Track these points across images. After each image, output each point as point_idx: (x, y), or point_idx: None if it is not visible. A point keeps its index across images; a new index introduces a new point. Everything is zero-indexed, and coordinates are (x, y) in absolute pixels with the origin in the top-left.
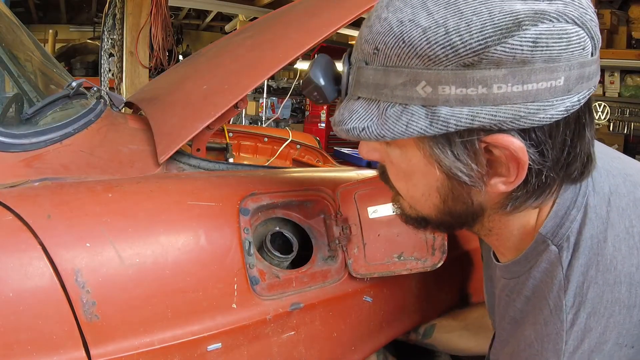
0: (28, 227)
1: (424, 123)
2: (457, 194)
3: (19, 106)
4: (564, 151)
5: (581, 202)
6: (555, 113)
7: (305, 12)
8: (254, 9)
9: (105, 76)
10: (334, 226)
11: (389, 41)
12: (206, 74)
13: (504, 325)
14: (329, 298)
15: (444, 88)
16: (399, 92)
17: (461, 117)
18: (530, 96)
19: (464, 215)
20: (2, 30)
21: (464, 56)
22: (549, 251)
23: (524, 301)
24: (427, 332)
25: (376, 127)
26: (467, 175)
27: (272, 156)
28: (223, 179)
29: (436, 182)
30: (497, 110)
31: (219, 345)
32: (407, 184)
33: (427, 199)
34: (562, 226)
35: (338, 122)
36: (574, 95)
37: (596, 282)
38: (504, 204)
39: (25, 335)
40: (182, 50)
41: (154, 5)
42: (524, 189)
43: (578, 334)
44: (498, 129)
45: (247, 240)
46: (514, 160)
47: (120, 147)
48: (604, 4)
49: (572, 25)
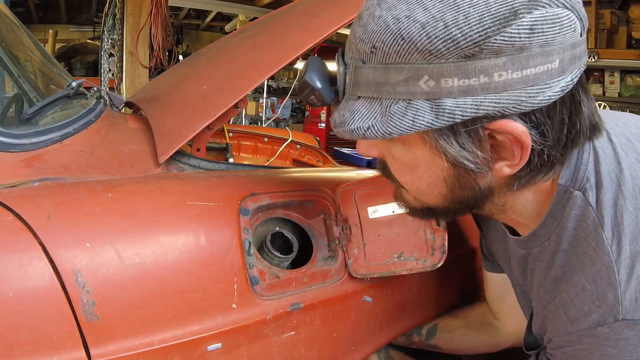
0: (28, 227)
1: (430, 117)
2: (463, 181)
3: (19, 106)
4: (563, 129)
5: (588, 145)
6: (552, 94)
7: (305, 12)
8: (254, 9)
9: (105, 76)
10: (334, 226)
11: (387, 39)
12: (206, 74)
13: (546, 289)
14: (329, 298)
15: (447, 80)
16: (402, 88)
17: (466, 107)
18: (530, 81)
19: (472, 200)
20: (2, 30)
21: (465, 48)
22: (574, 197)
23: (564, 256)
24: (430, 333)
25: (382, 125)
26: (473, 162)
27: (272, 156)
28: (223, 179)
29: (442, 172)
30: (500, 97)
31: (219, 345)
32: (412, 177)
33: (433, 189)
34: (578, 171)
35: (340, 123)
36: (567, 75)
37: (627, 210)
38: (510, 183)
39: (25, 335)
40: (182, 50)
41: (154, 5)
42: (527, 168)
43: (627, 261)
44: (501, 115)
45: (247, 240)
46: (518, 143)
47: (120, 147)
48: (604, 4)
49: (562, 9)
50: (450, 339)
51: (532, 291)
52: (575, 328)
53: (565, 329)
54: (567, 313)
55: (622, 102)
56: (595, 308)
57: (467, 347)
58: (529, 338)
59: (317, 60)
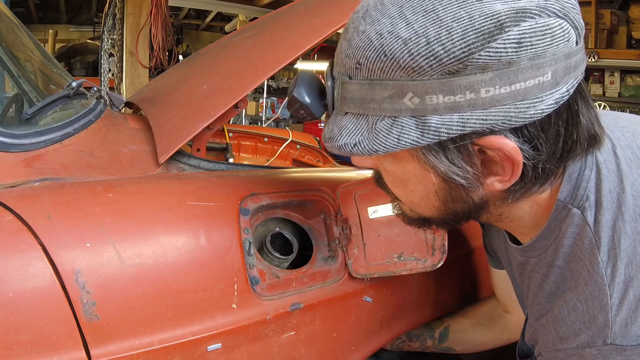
0: (28, 228)
1: (415, 134)
2: (455, 195)
3: (19, 106)
4: (558, 141)
5: (591, 160)
6: (545, 107)
7: (305, 12)
8: (254, 9)
9: (105, 76)
10: (334, 226)
11: (370, 55)
12: (206, 74)
13: (539, 301)
14: (329, 298)
15: (432, 97)
16: (387, 105)
17: (452, 124)
18: (519, 95)
19: (466, 212)
20: (2, 30)
21: (448, 64)
22: (572, 215)
23: (558, 272)
24: (443, 335)
25: (368, 142)
26: (463, 177)
27: (272, 156)
28: (223, 179)
29: (434, 186)
30: (488, 114)
31: (219, 345)
32: (405, 190)
33: (426, 202)
34: (579, 188)
35: (329, 139)
36: (562, 86)
37: (625, 233)
38: (505, 197)
39: (25, 335)
40: (182, 50)
41: (154, 5)
42: (521, 182)
43: (620, 285)
44: (490, 131)
45: (247, 240)
46: (508, 160)
47: (120, 147)
48: (604, 4)
49: (554, 18)
50: (463, 339)
51: (528, 299)
52: (564, 346)
53: (555, 346)
54: (558, 330)
55: (622, 102)
56: (585, 329)
57: (480, 344)
58: (523, 346)
59: (307, 73)
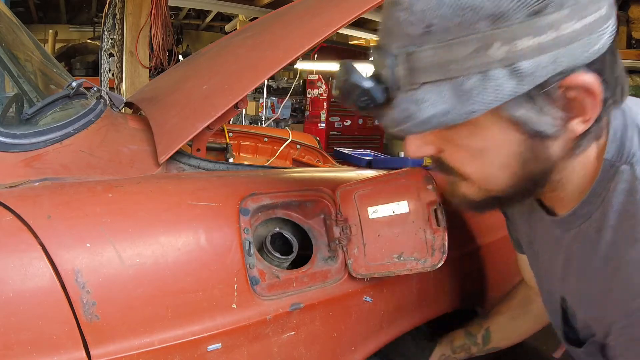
0: (28, 228)
1: (512, 83)
2: (537, 153)
3: (19, 106)
4: (614, 74)
5: (630, 120)
6: (606, 40)
7: (305, 12)
8: (254, 9)
9: (105, 76)
10: (334, 226)
11: (444, 13)
12: (206, 74)
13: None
14: (329, 298)
15: (520, 42)
16: (471, 62)
17: (544, 65)
18: (590, 29)
19: (540, 176)
20: (2, 30)
21: (532, 3)
22: (621, 172)
23: (612, 233)
24: (486, 338)
25: (461, 106)
26: (553, 126)
27: (272, 156)
28: (223, 179)
29: (519, 147)
30: (571, 50)
31: (219, 345)
32: (481, 162)
33: (504, 171)
34: (624, 145)
35: (405, 119)
36: (612, 20)
37: None
38: (575, 147)
39: (25, 335)
40: (182, 50)
41: (154, 5)
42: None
43: None
44: (571, 69)
45: (247, 240)
46: (590, 95)
47: (120, 147)
48: None
49: None
50: (505, 335)
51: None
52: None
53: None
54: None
55: None
56: None
57: (521, 334)
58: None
59: (350, 62)
